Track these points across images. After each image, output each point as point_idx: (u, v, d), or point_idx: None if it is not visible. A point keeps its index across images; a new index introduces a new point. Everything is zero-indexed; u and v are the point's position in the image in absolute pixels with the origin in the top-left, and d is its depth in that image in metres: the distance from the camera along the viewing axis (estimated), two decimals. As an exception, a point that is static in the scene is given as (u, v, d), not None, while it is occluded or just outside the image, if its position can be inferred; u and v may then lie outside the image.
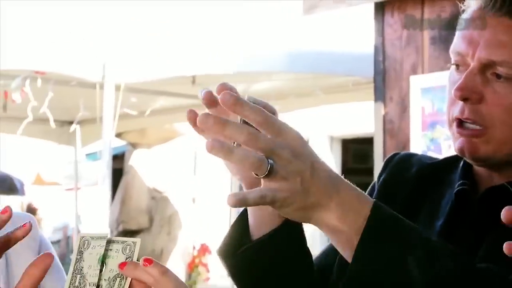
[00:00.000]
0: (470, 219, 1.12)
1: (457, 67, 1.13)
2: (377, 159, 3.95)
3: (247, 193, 0.89)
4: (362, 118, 7.16)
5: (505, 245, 0.88)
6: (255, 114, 0.89)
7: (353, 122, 8.47)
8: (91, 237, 0.91)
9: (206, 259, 9.83)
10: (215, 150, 0.87)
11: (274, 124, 0.90)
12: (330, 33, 5.70)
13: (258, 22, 6.06)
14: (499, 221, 1.08)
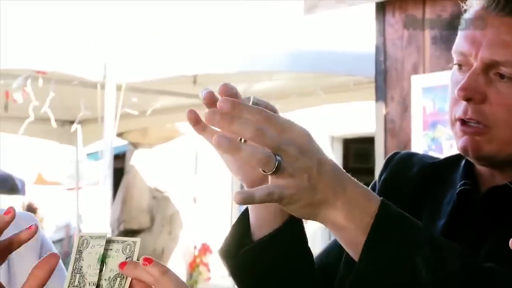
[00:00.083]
0: (472, 219, 1.12)
1: (459, 67, 1.13)
2: (378, 159, 3.95)
3: (254, 190, 0.88)
4: (363, 117, 7.15)
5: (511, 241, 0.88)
6: (256, 114, 0.88)
7: (354, 122, 8.47)
8: (90, 236, 0.91)
9: (207, 259, 9.83)
10: (222, 147, 0.86)
11: (277, 121, 0.89)
12: (331, 32, 5.70)
13: (259, 22, 6.06)
14: (501, 221, 1.08)
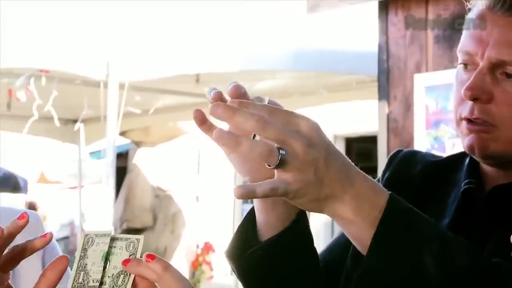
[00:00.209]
0: (476, 217, 1.12)
1: (465, 66, 1.13)
2: (381, 158, 3.95)
3: (255, 185, 0.86)
4: (366, 116, 7.15)
5: None
6: (261, 108, 0.86)
7: (357, 121, 8.45)
8: (95, 234, 0.91)
9: (209, 258, 9.83)
10: (221, 140, 0.84)
11: (283, 114, 0.87)
12: (333, 31, 5.70)
13: (262, 21, 6.06)
14: (506, 220, 1.08)
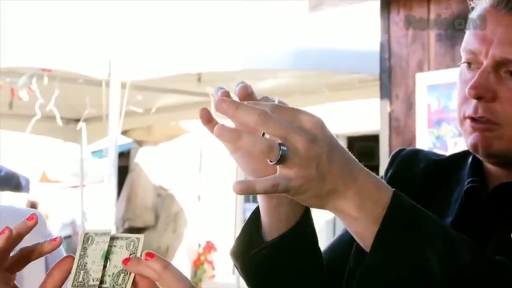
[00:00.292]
0: (479, 216, 1.12)
1: (468, 65, 1.13)
2: (383, 157, 3.95)
3: (256, 181, 0.85)
4: (368, 115, 7.14)
5: None
6: (265, 105, 0.85)
7: (359, 120, 8.45)
8: (95, 233, 0.92)
9: (211, 257, 9.84)
10: (222, 135, 0.83)
11: (287, 110, 0.86)
12: (335, 30, 5.69)
13: (264, 20, 6.06)
14: (508, 218, 1.08)
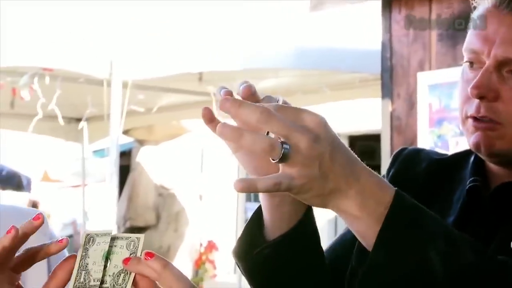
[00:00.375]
0: (481, 215, 1.12)
1: (471, 64, 1.13)
2: (384, 156, 3.95)
3: (257, 179, 0.84)
4: (369, 114, 7.14)
5: None
6: (267, 106, 0.85)
7: (360, 119, 8.45)
8: (96, 234, 0.92)
9: (213, 256, 9.84)
10: (224, 134, 0.83)
11: (290, 109, 0.86)
12: (336, 30, 5.69)
13: (265, 19, 6.06)
14: (510, 218, 1.08)
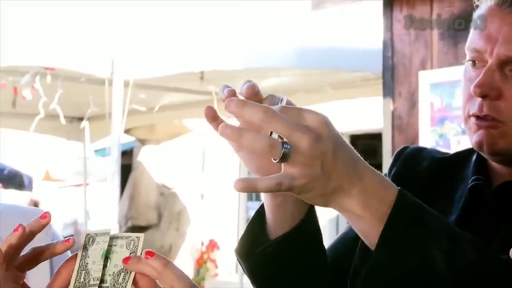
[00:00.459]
0: (483, 214, 1.12)
1: (473, 63, 1.13)
2: (386, 155, 3.95)
3: (258, 179, 0.85)
4: (371, 113, 7.14)
5: None
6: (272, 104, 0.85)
7: (362, 118, 8.45)
8: (95, 233, 0.92)
9: (214, 255, 9.84)
10: (225, 133, 0.83)
11: (293, 109, 0.87)
12: (338, 28, 5.69)
13: (266, 18, 6.06)
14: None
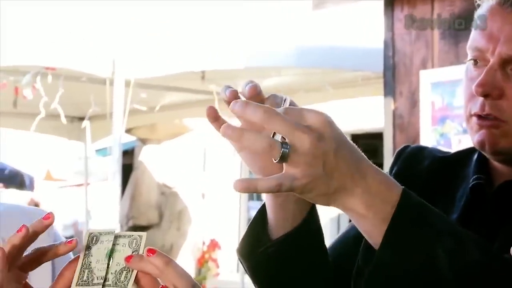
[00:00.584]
0: (484, 213, 1.11)
1: (475, 62, 1.13)
2: (387, 154, 3.95)
3: (258, 179, 0.85)
4: (372, 113, 7.14)
5: None
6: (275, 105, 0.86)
7: (363, 117, 8.45)
8: (99, 232, 0.92)
9: (215, 255, 9.84)
10: (227, 133, 0.84)
11: (295, 109, 0.87)
12: (339, 28, 5.69)
13: (267, 18, 6.05)
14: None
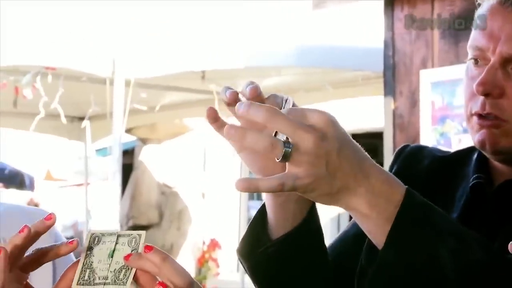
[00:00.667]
0: (484, 213, 1.12)
1: (475, 62, 1.13)
2: (387, 154, 3.95)
3: (260, 179, 0.85)
4: (372, 112, 7.14)
5: (510, 245, 0.88)
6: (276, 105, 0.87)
7: (363, 117, 8.45)
8: (101, 233, 0.93)
9: (216, 254, 9.84)
10: (229, 134, 0.84)
11: (298, 110, 0.87)
12: (339, 27, 5.69)
13: (267, 17, 6.06)
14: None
